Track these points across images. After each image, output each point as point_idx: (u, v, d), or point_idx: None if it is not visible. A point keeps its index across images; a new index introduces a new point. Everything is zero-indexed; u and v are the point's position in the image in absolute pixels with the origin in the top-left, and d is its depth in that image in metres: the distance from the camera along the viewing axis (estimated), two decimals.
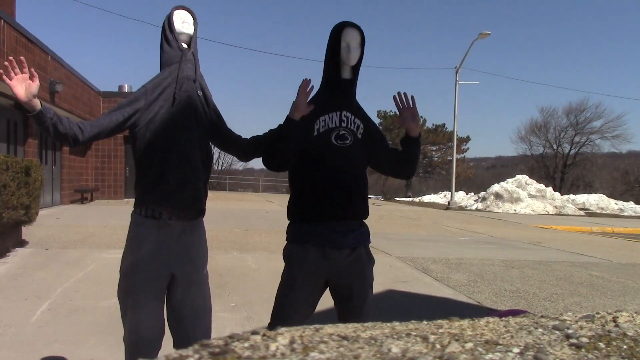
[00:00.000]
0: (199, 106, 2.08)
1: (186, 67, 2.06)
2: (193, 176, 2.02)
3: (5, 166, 5.15)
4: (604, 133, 38.14)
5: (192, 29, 2.11)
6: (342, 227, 2.00)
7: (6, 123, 10.15)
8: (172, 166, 1.97)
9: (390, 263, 6.44)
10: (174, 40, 2.06)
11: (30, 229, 6.81)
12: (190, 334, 2.05)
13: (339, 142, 2.01)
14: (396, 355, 0.56)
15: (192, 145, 2.02)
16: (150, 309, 1.99)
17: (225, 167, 40.07)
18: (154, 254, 1.97)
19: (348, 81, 2.09)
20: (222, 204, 15.25)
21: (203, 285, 2.10)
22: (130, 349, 2.01)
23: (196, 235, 2.09)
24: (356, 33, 2.04)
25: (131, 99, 2.02)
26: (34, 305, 3.86)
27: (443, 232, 10.79)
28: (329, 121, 2.02)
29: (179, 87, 2.03)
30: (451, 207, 20.42)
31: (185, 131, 2.01)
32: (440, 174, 42.28)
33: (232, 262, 5.96)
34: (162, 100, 2.02)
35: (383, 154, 2.17)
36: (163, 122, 1.99)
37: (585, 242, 10.19)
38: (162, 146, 1.97)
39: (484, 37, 19.06)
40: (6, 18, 8.80)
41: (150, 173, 1.98)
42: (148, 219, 1.99)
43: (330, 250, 1.98)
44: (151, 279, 1.97)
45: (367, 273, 2.08)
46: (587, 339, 0.66)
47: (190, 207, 2.03)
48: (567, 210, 20.71)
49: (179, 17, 2.09)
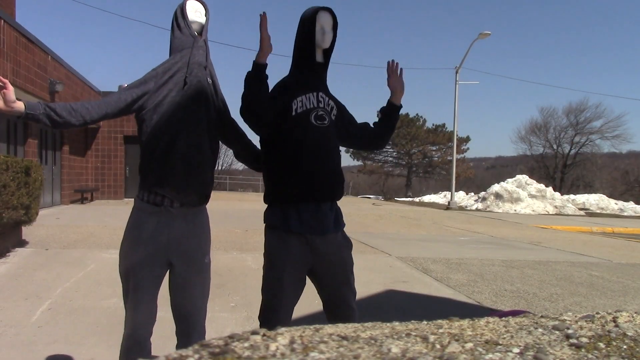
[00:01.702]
0: (208, 93, 2.08)
1: (198, 53, 2.06)
2: (201, 161, 2.01)
3: (5, 166, 5.15)
4: (604, 133, 38.20)
5: (204, 19, 2.12)
6: (323, 209, 2.01)
7: (6, 123, 10.15)
8: (180, 150, 1.96)
9: (390, 263, 6.44)
10: (185, 27, 2.07)
11: (30, 229, 6.81)
12: (188, 324, 2.07)
13: (318, 122, 2.04)
14: (396, 355, 0.56)
15: (200, 130, 2.02)
16: (147, 293, 1.99)
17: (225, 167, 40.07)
18: (152, 240, 1.96)
19: (321, 64, 2.14)
20: (222, 204, 15.25)
21: (203, 274, 2.09)
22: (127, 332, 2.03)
23: (198, 222, 2.07)
24: (329, 16, 2.09)
25: (141, 81, 2.01)
26: (34, 305, 3.86)
27: (443, 232, 10.78)
28: (307, 101, 2.04)
29: (190, 72, 2.03)
30: (451, 207, 20.42)
31: (195, 115, 2.01)
32: (440, 174, 42.31)
33: (232, 262, 5.96)
34: (171, 84, 2.01)
35: (353, 130, 2.22)
36: (172, 106, 1.99)
37: (585, 242, 10.19)
38: (170, 129, 1.97)
39: (484, 37, 19.06)
40: (6, 18, 8.80)
41: (156, 156, 1.96)
42: (149, 205, 1.98)
43: (312, 239, 1.98)
44: (148, 263, 1.97)
45: (347, 259, 2.10)
46: (587, 339, 0.66)
47: (195, 191, 2.02)
48: (567, 210, 20.71)
49: (192, 6, 2.10)
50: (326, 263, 2.04)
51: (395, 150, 42.71)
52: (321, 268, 2.05)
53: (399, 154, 42.81)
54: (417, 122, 41.22)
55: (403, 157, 42.79)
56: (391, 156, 44.03)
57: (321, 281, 2.08)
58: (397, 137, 40.63)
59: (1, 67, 8.45)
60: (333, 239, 2.04)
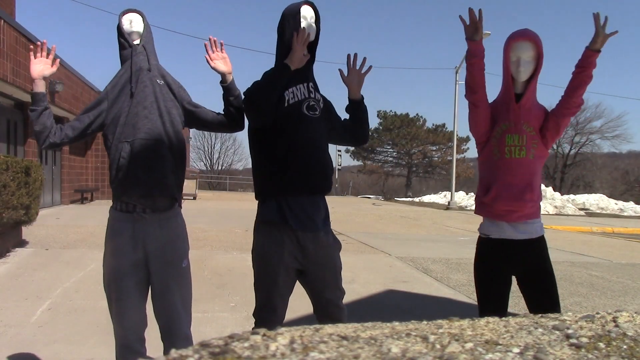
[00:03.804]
0: (159, 95, 2.12)
1: (138, 59, 2.13)
2: (158, 164, 2.04)
3: (5, 166, 5.15)
4: (604, 133, 38.19)
5: (141, 26, 2.19)
6: (314, 203, 2.02)
7: (6, 123, 10.15)
8: (139, 157, 2.01)
9: (390, 263, 6.44)
10: (124, 41, 2.16)
11: (30, 229, 6.81)
12: (170, 328, 2.08)
13: (310, 113, 2.06)
14: (396, 355, 0.56)
15: (156, 134, 2.05)
16: (130, 300, 2.02)
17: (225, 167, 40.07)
18: (129, 247, 2.01)
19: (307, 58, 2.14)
20: (222, 204, 15.25)
21: (181, 279, 2.11)
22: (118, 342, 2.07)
23: (173, 227, 2.10)
24: (312, 10, 2.12)
25: (95, 102, 2.13)
26: (34, 305, 3.86)
27: (443, 232, 10.78)
28: (298, 92, 2.06)
29: (135, 80, 2.09)
30: (451, 207, 20.42)
31: (147, 121, 2.05)
32: (440, 174, 42.31)
33: (232, 262, 5.96)
34: (123, 96, 2.09)
35: (338, 125, 2.24)
36: (125, 116, 2.06)
37: (585, 242, 10.19)
38: (128, 139, 2.03)
39: (484, 37, 19.05)
40: (6, 18, 8.80)
41: (119, 166, 2.03)
42: (123, 213, 2.04)
43: (304, 237, 1.98)
44: (129, 270, 2.01)
45: (337, 261, 2.11)
46: (587, 339, 0.66)
47: (161, 196, 2.05)
48: (567, 210, 20.71)
49: (127, 18, 2.19)
50: (315, 265, 2.04)
51: (395, 150, 42.72)
52: (311, 270, 2.05)
53: (399, 154, 42.82)
54: (417, 122, 41.22)
55: (403, 157, 42.79)
56: (391, 156, 44.05)
57: (311, 284, 2.09)
58: (397, 137, 40.65)
59: (1, 67, 8.45)
60: (323, 240, 2.04)
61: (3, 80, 8.60)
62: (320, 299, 2.10)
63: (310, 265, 2.03)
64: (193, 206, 14.36)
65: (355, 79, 2.23)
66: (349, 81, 2.24)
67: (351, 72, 2.24)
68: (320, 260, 2.03)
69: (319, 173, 2.04)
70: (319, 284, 2.07)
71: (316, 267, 2.04)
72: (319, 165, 2.04)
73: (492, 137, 2.17)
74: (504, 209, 2.13)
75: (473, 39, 2.14)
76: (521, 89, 2.16)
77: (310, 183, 2.00)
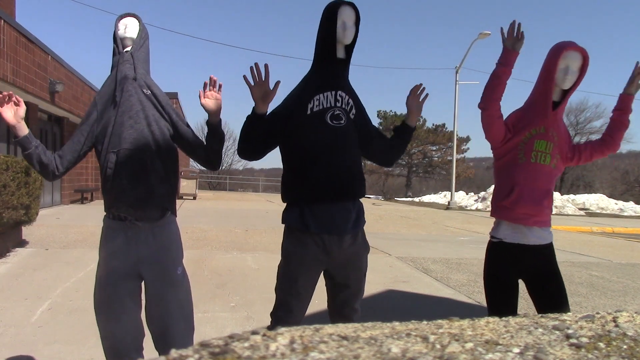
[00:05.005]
0: (145, 104, 2.08)
1: (124, 67, 2.08)
2: (143, 175, 2.00)
3: (5, 166, 5.15)
4: None
5: (135, 32, 2.13)
6: (342, 209, 2.00)
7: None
8: (122, 165, 1.99)
9: (390, 263, 6.44)
10: (116, 47, 2.12)
11: (30, 229, 6.81)
12: (165, 337, 2.04)
13: (334, 122, 2.01)
14: (396, 355, 0.56)
15: (140, 143, 2.02)
16: (123, 310, 1.98)
17: (226, 167, 40.08)
18: (122, 255, 1.98)
19: (342, 60, 2.10)
20: (222, 204, 15.26)
21: (176, 287, 2.07)
22: (108, 354, 2.02)
23: (166, 235, 2.07)
24: (352, 11, 2.05)
25: (85, 115, 2.11)
26: (34, 305, 3.86)
27: (443, 232, 10.78)
28: (324, 100, 2.02)
29: (120, 89, 2.06)
30: (451, 207, 20.42)
31: (133, 131, 2.02)
32: (440, 174, 42.30)
33: (232, 262, 5.96)
34: (110, 106, 2.06)
35: (370, 137, 2.19)
36: (112, 126, 2.03)
37: (585, 242, 10.19)
38: (114, 149, 2.00)
39: (484, 37, 19.05)
40: (6, 18, 8.80)
41: (107, 177, 2.01)
42: (115, 221, 2.02)
43: (330, 239, 1.96)
44: (121, 277, 1.98)
45: (363, 263, 2.11)
46: (587, 339, 0.66)
47: (151, 206, 2.02)
48: (567, 210, 20.71)
49: (122, 24, 2.13)
50: (340, 267, 2.04)
51: None
52: (335, 271, 2.05)
53: None
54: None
55: (403, 157, 42.77)
56: None
57: (334, 283, 2.09)
58: None
59: (1, 67, 8.45)
60: (350, 242, 2.02)
61: (3, 80, 8.59)
62: (336, 299, 2.10)
63: (335, 267, 2.03)
64: (193, 206, 14.37)
65: (415, 106, 2.27)
66: (410, 106, 2.27)
67: (412, 98, 2.27)
68: (345, 262, 2.03)
69: (340, 182, 1.99)
70: (342, 283, 2.07)
71: (340, 268, 2.04)
72: (341, 174, 2.00)
73: (520, 142, 2.19)
74: (523, 212, 2.16)
75: (515, 48, 2.18)
76: (557, 97, 2.21)
77: (331, 190, 1.97)
